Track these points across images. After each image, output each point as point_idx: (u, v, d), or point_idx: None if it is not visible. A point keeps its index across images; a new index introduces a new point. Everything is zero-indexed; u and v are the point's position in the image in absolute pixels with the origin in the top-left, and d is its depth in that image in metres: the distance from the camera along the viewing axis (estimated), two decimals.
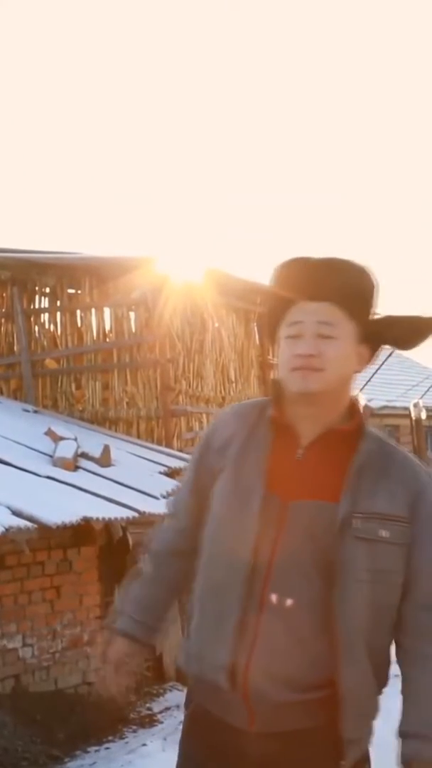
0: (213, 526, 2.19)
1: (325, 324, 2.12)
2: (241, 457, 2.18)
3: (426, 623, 2.11)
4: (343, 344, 2.13)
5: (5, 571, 6.47)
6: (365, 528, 2.06)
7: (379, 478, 2.13)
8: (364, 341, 2.19)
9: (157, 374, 9.60)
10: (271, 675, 2.05)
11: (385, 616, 2.10)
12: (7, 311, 10.44)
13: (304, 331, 2.13)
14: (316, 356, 2.10)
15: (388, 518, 2.09)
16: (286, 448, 2.17)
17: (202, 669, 2.16)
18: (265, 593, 2.07)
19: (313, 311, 2.13)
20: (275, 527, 2.08)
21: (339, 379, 2.15)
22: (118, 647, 2.30)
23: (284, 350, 2.17)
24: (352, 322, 2.15)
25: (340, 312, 2.13)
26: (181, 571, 2.31)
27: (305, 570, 2.06)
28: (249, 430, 2.21)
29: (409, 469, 2.18)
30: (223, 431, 2.26)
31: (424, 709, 2.07)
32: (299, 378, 2.12)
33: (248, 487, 2.13)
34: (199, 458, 2.31)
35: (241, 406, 2.34)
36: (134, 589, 2.36)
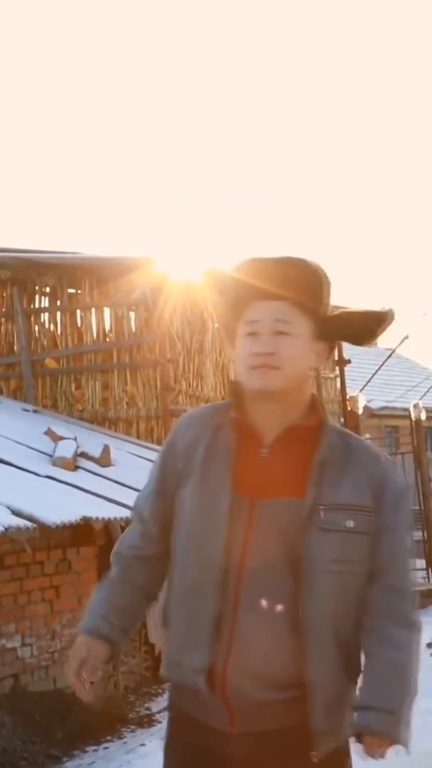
0: (182, 531, 2.21)
1: (282, 321, 2.15)
2: (206, 461, 2.20)
3: (389, 603, 2.14)
4: (299, 341, 2.16)
5: (4, 571, 6.47)
6: (331, 519, 2.10)
7: (343, 470, 2.16)
8: (320, 338, 2.22)
9: (157, 374, 9.60)
10: (250, 675, 2.07)
11: (352, 605, 2.13)
12: (7, 311, 10.44)
13: (260, 329, 2.16)
14: (274, 354, 2.13)
15: (354, 508, 2.13)
16: (250, 449, 2.19)
17: (181, 674, 2.17)
18: (238, 594, 2.09)
19: (269, 309, 2.16)
20: (245, 527, 2.11)
21: (297, 376, 2.17)
22: (80, 644, 2.29)
23: (241, 349, 2.19)
24: (308, 319, 2.18)
25: (295, 310, 2.16)
26: (147, 575, 2.32)
27: (277, 567, 2.09)
28: (212, 433, 2.23)
29: (371, 459, 2.21)
30: (185, 435, 2.28)
31: (381, 684, 2.09)
32: (257, 376, 2.14)
33: (215, 489, 2.15)
34: (163, 463, 2.32)
35: (203, 410, 2.36)
36: (101, 591, 2.37)
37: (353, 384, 14.38)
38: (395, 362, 21.96)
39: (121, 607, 2.32)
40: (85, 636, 2.29)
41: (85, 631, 2.30)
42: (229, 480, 2.14)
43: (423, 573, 11.61)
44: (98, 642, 2.28)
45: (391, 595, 2.14)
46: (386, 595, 2.14)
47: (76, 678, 2.26)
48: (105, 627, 2.29)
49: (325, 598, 2.07)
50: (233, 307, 2.24)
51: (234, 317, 2.24)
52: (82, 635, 2.30)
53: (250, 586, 2.08)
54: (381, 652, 2.11)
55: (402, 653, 2.12)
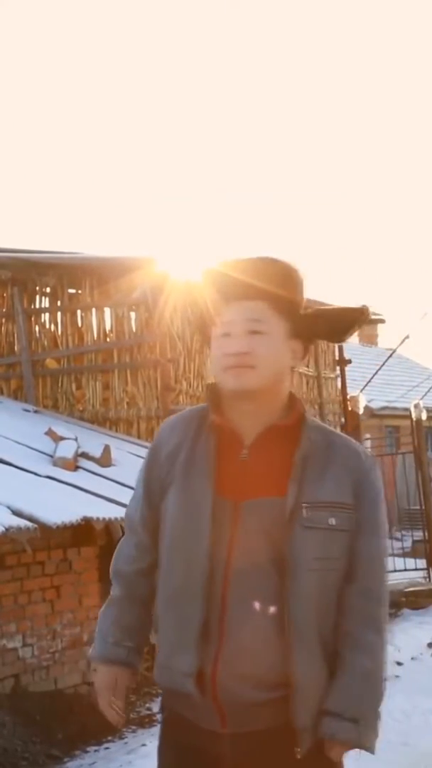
0: (168, 537, 2.22)
1: (255, 321, 2.16)
2: (188, 467, 2.21)
3: (361, 607, 2.15)
4: (274, 340, 2.16)
5: (5, 571, 6.47)
6: (314, 517, 2.11)
7: (324, 467, 2.17)
8: (296, 336, 2.22)
9: (158, 374, 9.59)
10: (239, 676, 2.08)
11: (331, 601, 2.15)
12: (8, 311, 10.44)
13: (234, 329, 2.17)
14: (248, 353, 2.14)
15: (336, 506, 2.14)
16: (231, 451, 2.20)
17: (171, 678, 2.19)
18: (225, 596, 2.10)
19: (243, 309, 2.17)
20: (229, 529, 2.12)
21: (273, 374, 2.17)
22: (105, 674, 2.33)
23: (216, 350, 2.21)
24: (282, 318, 2.18)
25: (269, 309, 2.17)
26: (148, 586, 2.33)
27: (263, 567, 2.10)
28: (193, 437, 2.24)
29: (352, 456, 2.22)
30: (168, 442, 2.29)
31: (350, 692, 2.11)
32: (233, 377, 2.15)
33: (198, 494, 2.16)
34: (147, 471, 2.33)
35: (182, 416, 2.36)
36: (109, 614, 2.38)
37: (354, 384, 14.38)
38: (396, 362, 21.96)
39: (130, 626, 2.34)
40: (106, 666, 2.32)
41: (105, 661, 2.32)
42: (211, 484, 2.15)
43: (423, 573, 11.59)
44: (121, 670, 2.31)
45: (367, 599, 2.16)
46: (362, 599, 2.16)
47: (109, 708, 2.31)
48: (122, 653, 2.32)
49: (309, 596, 2.09)
50: (208, 309, 2.25)
51: (209, 319, 2.24)
52: (103, 665, 2.33)
53: (236, 588, 2.10)
54: (353, 658, 2.13)
55: (373, 661, 2.15)
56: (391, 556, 12.11)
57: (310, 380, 11.85)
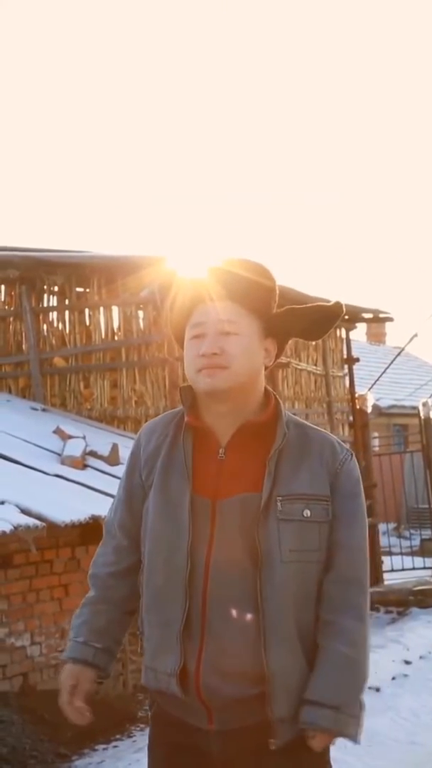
0: (148, 540, 2.25)
1: (226, 321, 2.17)
2: (166, 469, 2.23)
3: (341, 596, 2.16)
4: (245, 339, 2.17)
5: (13, 570, 6.48)
6: (288, 509, 2.12)
7: (300, 461, 2.19)
8: (270, 335, 2.24)
9: (166, 373, 9.59)
10: (222, 674, 2.10)
11: (311, 593, 2.16)
12: (16, 310, 10.45)
13: (205, 330, 2.18)
14: (220, 354, 2.15)
15: (310, 498, 2.15)
16: (208, 451, 2.22)
17: (156, 679, 2.21)
18: (205, 595, 2.12)
19: (212, 310, 2.18)
20: (208, 528, 2.14)
21: (246, 374, 2.18)
22: (67, 673, 2.34)
23: (188, 352, 2.22)
24: (254, 318, 2.19)
25: (240, 309, 2.18)
26: (124, 590, 2.35)
27: (241, 565, 2.11)
28: (171, 440, 2.27)
29: (327, 448, 2.23)
30: (147, 446, 2.31)
31: (330, 680, 2.11)
32: (206, 377, 2.16)
33: (176, 495, 2.19)
34: (128, 476, 2.37)
35: (161, 419, 2.37)
36: (81, 614, 2.40)
37: (362, 382, 14.37)
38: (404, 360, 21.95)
39: (101, 628, 2.35)
40: (71, 665, 2.34)
41: (71, 660, 2.35)
42: (188, 484, 2.17)
43: (430, 572, 11.58)
44: (84, 669, 2.33)
45: (346, 587, 2.16)
46: (341, 587, 2.16)
47: (69, 707, 2.34)
48: (88, 653, 2.33)
49: (284, 588, 2.09)
50: (179, 312, 2.27)
51: (183, 322, 2.26)
52: (68, 664, 2.35)
53: (216, 586, 2.11)
54: (333, 646, 2.13)
55: (353, 648, 2.14)
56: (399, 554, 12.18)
57: (318, 379, 11.83)
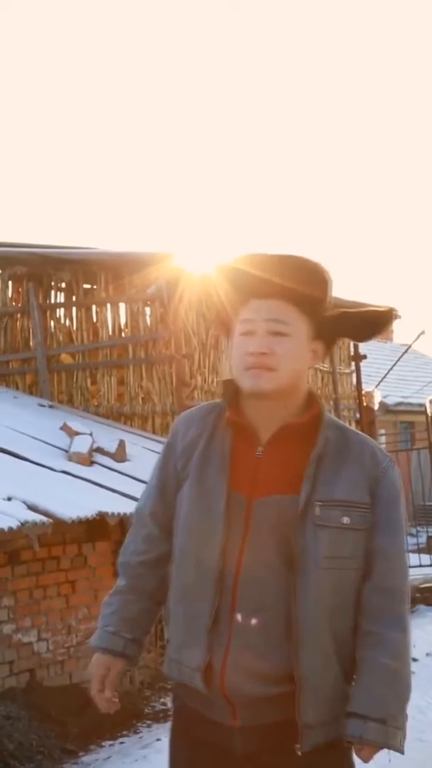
0: (181, 531, 2.22)
1: (277, 321, 2.13)
2: (203, 462, 2.20)
3: (382, 606, 2.13)
4: (295, 341, 2.14)
5: (21, 566, 6.49)
6: (326, 515, 2.09)
7: (340, 465, 2.15)
8: (318, 337, 2.19)
9: (173, 370, 9.59)
10: (247, 673, 2.08)
11: (348, 601, 2.13)
12: (23, 306, 10.46)
13: (255, 328, 2.14)
14: (268, 354, 2.11)
15: (350, 505, 2.12)
16: (247, 447, 2.19)
17: (180, 672, 2.19)
18: (235, 592, 2.09)
19: (265, 309, 2.14)
20: (242, 526, 2.11)
21: (292, 376, 2.15)
22: (96, 662, 2.33)
23: (236, 348, 2.18)
24: (305, 319, 2.15)
25: (292, 309, 2.14)
26: (156, 580, 2.33)
27: (274, 565, 2.09)
28: (210, 433, 2.24)
29: (369, 454, 2.20)
30: (184, 436, 2.28)
31: (374, 692, 2.08)
32: (252, 377, 2.13)
33: (212, 489, 2.16)
34: (163, 465, 2.33)
35: (199, 410, 2.34)
36: (110, 603, 2.38)
37: (369, 380, 14.36)
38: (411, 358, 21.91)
39: (131, 618, 2.34)
40: (101, 655, 2.32)
41: (101, 650, 2.33)
42: (225, 479, 2.15)
43: None
44: (115, 659, 2.31)
45: (385, 597, 2.13)
46: (380, 596, 2.13)
47: (99, 696, 2.30)
48: (119, 643, 2.32)
49: (319, 595, 2.07)
50: (230, 303, 2.22)
51: (231, 314, 2.22)
52: (98, 653, 2.33)
53: (247, 585, 2.09)
54: (375, 658, 2.10)
55: (397, 659, 2.11)
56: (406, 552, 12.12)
57: (326, 376, 11.82)
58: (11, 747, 5.44)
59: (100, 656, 2.32)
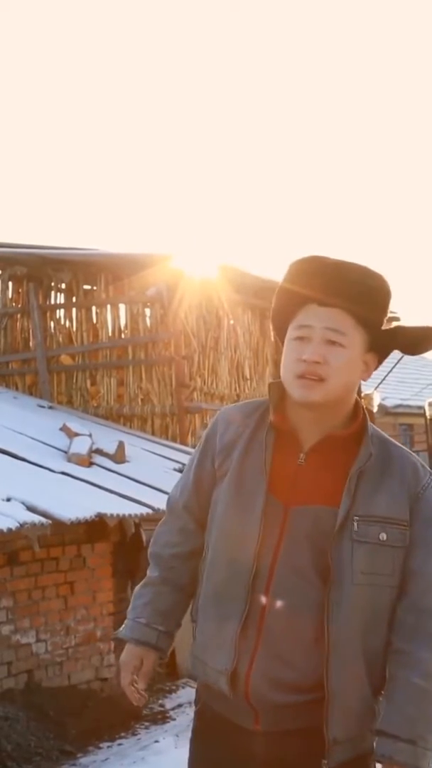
0: (216, 530, 2.19)
1: (334, 331, 2.09)
2: (243, 461, 2.17)
3: (416, 625, 2.09)
4: (349, 353, 2.10)
5: (19, 567, 6.48)
6: (364, 531, 2.06)
7: (380, 481, 2.11)
8: (372, 350, 2.16)
9: (172, 371, 9.60)
10: (274, 680, 2.06)
11: (381, 618, 2.09)
12: (23, 307, 10.46)
13: (311, 335, 2.10)
14: (321, 363, 2.07)
15: (388, 521, 2.09)
16: (288, 453, 2.15)
17: (206, 673, 2.17)
18: (267, 598, 2.07)
19: (323, 316, 2.10)
20: (277, 532, 2.08)
21: (342, 388, 2.12)
22: (129, 653, 2.29)
23: (289, 353, 2.14)
24: (362, 331, 2.12)
25: (350, 319, 2.10)
26: (188, 573, 2.30)
27: (307, 575, 2.06)
28: (251, 433, 2.20)
29: (410, 471, 2.16)
30: (225, 433, 2.24)
31: (404, 712, 2.05)
32: (302, 387, 2.09)
33: (251, 491, 2.13)
34: (200, 458, 2.29)
35: (243, 407, 2.30)
36: (142, 595, 2.34)
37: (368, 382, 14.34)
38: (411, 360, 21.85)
39: (165, 611, 2.30)
40: (134, 646, 2.29)
41: (134, 641, 2.29)
42: (264, 482, 2.11)
43: None
44: (148, 651, 2.28)
45: (421, 617, 2.09)
46: (415, 616, 2.09)
47: (130, 688, 2.27)
48: (152, 636, 2.28)
49: (353, 610, 2.04)
50: (288, 305, 2.17)
51: (288, 315, 2.17)
52: (131, 645, 2.29)
53: (278, 592, 2.06)
54: (406, 677, 2.07)
55: (428, 681, 2.07)
56: None
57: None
58: (9, 748, 5.44)
59: (132, 648, 2.28)
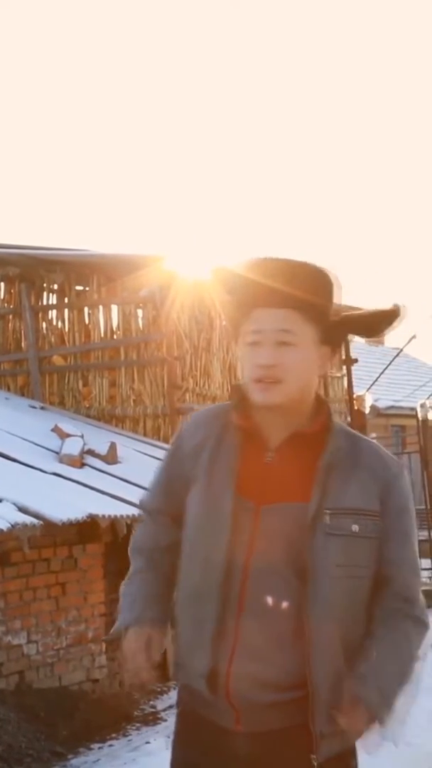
0: (189, 534, 2.21)
1: (284, 331, 2.11)
2: (211, 466, 2.19)
3: (398, 608, 2.13)
4: (302, 350, 2.12)
5: (10, 568, 6.47)
6: (336, 524, 2.08)
7: (349, 473, 2.14)
8: (325, 342, 2.18)
9: (164, 372, 9.60)
10: (253, 679, 2.07)
11: (359, 609, 2.12)
12: (15, 308, 10.46)
13: (263, 339, 2.12)
14: (277, 366, 2.10)
15: (359, 513, 2.11)
16: (255, 453, 2.17)
17: (186, 676, 2.18)
18: (242, 597, 2.08)
19: (272, 318, 2.12)
20: (249, 531, 2.10)
21: (300, 385, 2.14)
22: (133, 635, 2.22)
23: (245, 359, 2.17)
24: (312, 326, 2.13)
25: (299, 317, 2.12)
26: (169, 563, 2.29)
27: (281, 572, 2.07)
28: (218, 436, 2.22)
29: (379, 462, 2.19)
30: (192, 438, 2.26)
31: (379, 663, 2.07)
32: (260, 390, 2.12)
33: (219, 493, 2.14)
34: (169, 465, 2.32)
35: (208, 412, 2.33)
36: (132, 585, 2.32)
37: (360, 383, 14.36)
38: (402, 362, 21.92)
39: (156, 594, 2.28)
40: (135, 628, 2.22)
41: (135, 623, 2.23)
42: (232, 484, 2.13)
43: (429, 573, 11.59)
44: (153, 628, 2.22)
45: (401, 601, 2.13)
46: (396, 601, 2.13)
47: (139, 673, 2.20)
48: (151, 613, 2.24)
49: (330, 604, 2.05)
50: (239, 308, 2.20)
51: (240, 318, 2.19)
52: (132, 630, 2.22)
53: (254, 590, 2.08)
54: (387, 634, 2.10)
55: (407, 642, 2.12)
56: None
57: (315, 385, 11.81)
58: (0, 750, 5.43)
59: (136, 629, 2.22)
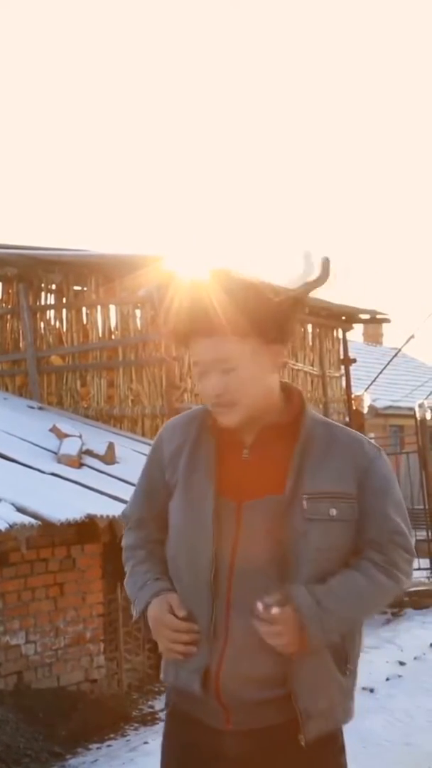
0: (173, 540, 2.22)
1: (221, 361, 2.12)
2: (190, 470, 2.21)
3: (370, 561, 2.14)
4: (246, 368, 2.12)
5: (9, 568, 6.47)
6: (314, 508, 2.10)
7: (325, 458, 2.15)
8: (273, 340, 2.16)
9: (163, 372, 9.60)
10: (243, 676, 2.09)
11: None
12: (13, 308, 10.46)
13: (205, 370, 2.15)
14: (224, 393, 2.13)
15: (336, 496, 2.12)
16: (232, 451, 2.20)
17: (177, 675, 2.19)
18: (229, 596, 2.10)
19: (206, 350, 2.14)
20: (233, 530, 2.11)
21: (257, 397, 2.15)
22: (157, 606, 2.19)
23: (198, 386, 2.23)
24: (250, 339, 2.12)
25: (232, 338, 2.11)
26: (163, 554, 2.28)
27: (266, 568, 2.09)
28: (194, 440, 2.24)
29: (355, 445, 2.20)
30: (169, 445, 2.28)
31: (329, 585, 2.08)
32: (219, 415, 2.17)
33: (200, 496, 2.16)
34: (149, 473, 2.34)
35: (183, 417, 2.35)
36: (136, 573, 2.31)
37: (359, 383, 14.38)
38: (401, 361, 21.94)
39: (161, 571, 2.26)
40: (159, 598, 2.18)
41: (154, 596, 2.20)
42: (212, 485, 2.15)
43: (427, 573, 11.59)
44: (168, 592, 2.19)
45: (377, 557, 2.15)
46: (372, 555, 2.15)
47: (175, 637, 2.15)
48: (162, 584, 2.22)
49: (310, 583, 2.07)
50: (176, 339, 2.23)
51: (183, 348, 2.24)
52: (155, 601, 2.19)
53: (240, 589, 2.09)
54: (349, 572, 2.12)
55: (371, 583, 2.12)
56: None
57: (315, 379, 11.83)
58: None
59: (157, 599, 2.19)
